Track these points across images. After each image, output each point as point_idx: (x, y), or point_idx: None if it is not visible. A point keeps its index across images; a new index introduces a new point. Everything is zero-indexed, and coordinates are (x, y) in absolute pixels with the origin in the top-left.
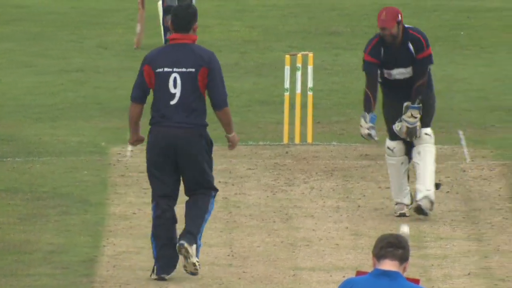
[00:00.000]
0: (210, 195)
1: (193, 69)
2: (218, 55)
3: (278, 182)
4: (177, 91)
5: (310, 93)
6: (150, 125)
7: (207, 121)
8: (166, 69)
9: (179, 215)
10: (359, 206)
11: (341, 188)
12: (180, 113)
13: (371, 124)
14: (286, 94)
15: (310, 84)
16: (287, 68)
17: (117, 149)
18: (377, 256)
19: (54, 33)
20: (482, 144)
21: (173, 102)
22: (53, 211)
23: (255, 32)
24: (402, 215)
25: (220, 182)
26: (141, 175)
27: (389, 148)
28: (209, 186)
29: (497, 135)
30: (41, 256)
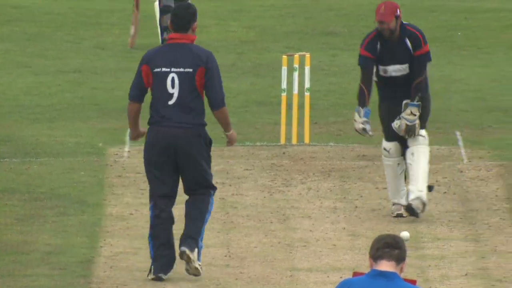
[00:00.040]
0: (209, 195)
1: (190, 69)
2: (215, 55)
3: (275, 183)
4: (175, 91)
5: (307, 94)
6: (149, 125)
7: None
8: (164, 69)
9: (178, 216)
10: (356, 206)
11: (338, 189)
12: (179, 113)
13: (365, 118)
14: (283, 94)
15: (307, 84)
16: (284, 69)
17: (114, 150)
18: (374, 257)
19: (51, 34)
20: (479, 144)
21: (171, 102)
22: (51, 211)
23: (252, 33)
24: (399, 215)
25: (217, 182)
26: (138, 176)
27: (385, 149)
28: (208, 185)
29: (494, 135)
30: (38, 256)
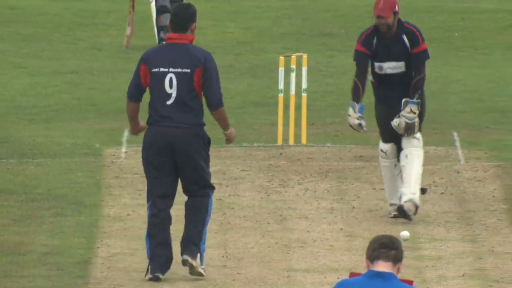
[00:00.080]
0: (208, 197)
1: (188, 70)
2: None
3: (273, 184)
4: (173, 91)
5: (304, 95)
6: (148, 124)
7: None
8: (162, 69)
9: (177, 216)
10: (353, 207)
11: (336, 190)
12: (177, 113)
13: (360, 114)
14: (281, 95)
15: (304, 85)
16: (281, 70)
17: (111, 151)
18: (371, 258)
19: (47, 35)
20: (476, 145)
21: (169, 102)
22: (48, 212)
23: (249, 34)
24: (396, 216)
25: (214, 183)
26: (135, 177)
27: (382, 150)
28: (206, 184)
29: (491, 136)
30: (35, 257)
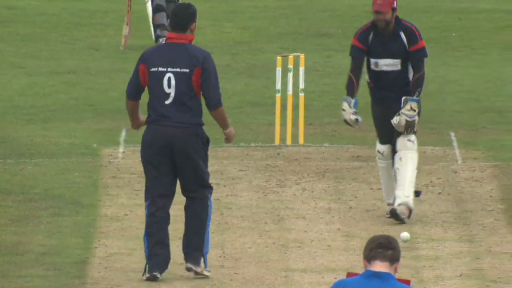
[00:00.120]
0: (207, 199)
1: (187, 70)
2: None
3: (270, 184)
4: (171, 91)
5: (301, 95)
6: (147, 124)
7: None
8: (160, 68)
9: (176, 216)
10: (350, 207)
11: (333, 190)
12: (176, 113)
13: (354, 109)
14: (278, 95)
15: (301, 85)
16: (278, 70)
17: (108, 151)
18: (368, 258)
19: (45, 35)
20: (474, 145)
21: (168, 102)
22: (45, 212)
23: (246, 34)
24: None
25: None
26: (132, 177)
27: (379, 151)
28: (205, 184)
29: (489, 136)
30: (33, 257)
